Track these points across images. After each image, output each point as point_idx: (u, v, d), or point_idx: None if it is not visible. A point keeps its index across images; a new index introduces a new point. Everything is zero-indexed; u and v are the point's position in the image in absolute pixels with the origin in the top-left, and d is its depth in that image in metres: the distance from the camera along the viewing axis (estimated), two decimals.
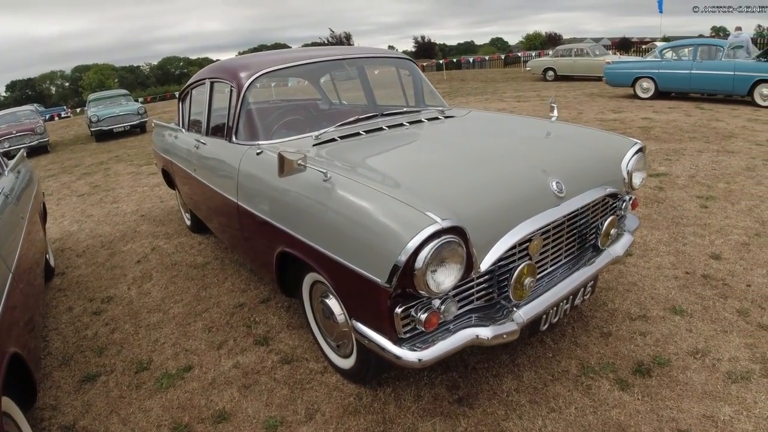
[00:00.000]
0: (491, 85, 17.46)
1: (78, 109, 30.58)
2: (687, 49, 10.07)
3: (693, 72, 9.54)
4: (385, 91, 3.68)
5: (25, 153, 4.68)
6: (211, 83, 3.22)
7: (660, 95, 10.39)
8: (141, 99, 23.17)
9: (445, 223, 1.50)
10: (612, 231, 2.22)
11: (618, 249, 2.30)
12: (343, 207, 1.75)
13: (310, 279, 2.22)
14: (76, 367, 2.62)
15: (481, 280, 1.79)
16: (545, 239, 1.95)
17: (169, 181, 4.56)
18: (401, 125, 2.67)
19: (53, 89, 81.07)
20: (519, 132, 2.67)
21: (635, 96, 10.76)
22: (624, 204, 2.38)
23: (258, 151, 2.42)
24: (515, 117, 3.38)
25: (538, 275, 1.91)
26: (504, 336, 1.70)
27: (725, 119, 7.79)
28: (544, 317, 1.94)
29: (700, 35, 31.10)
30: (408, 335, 1.65)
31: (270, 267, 2.34)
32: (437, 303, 1.61)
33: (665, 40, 24.49)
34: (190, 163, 3.45)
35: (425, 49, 37.03)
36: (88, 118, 13.34)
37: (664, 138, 6.68)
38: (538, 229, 1.81)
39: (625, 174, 2.34)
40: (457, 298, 1.72)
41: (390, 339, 1.62)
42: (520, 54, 28.83)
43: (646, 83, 10.50)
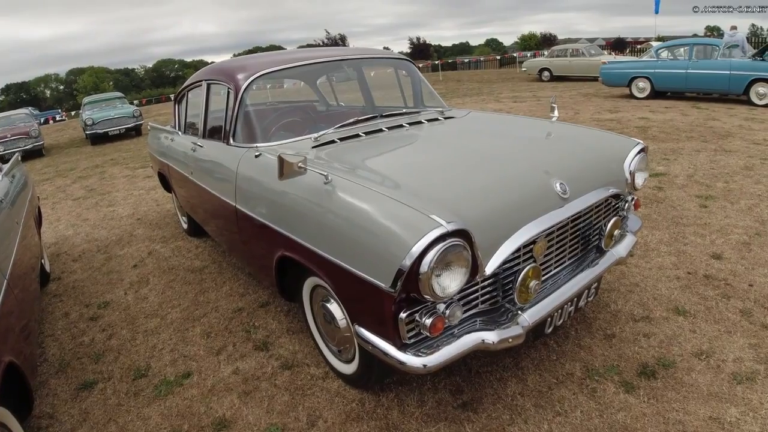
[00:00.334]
0: (487, 86, 17.48)
1: (73, 112, 30.42)
2: (683, 49, 10.11)
3: (689, 72, 9.57)
4: (383, 92, 3.66)
5: (20, 157, 4.62)
6: (208, 85, 3.19)
7: (656, 95, 10.42)
8: (136, 102, 23.02)
9: (451, 226, 1.47)
10: (616, 232, 2.20)
11: (621, 250, 2.28)
12: (345, 210, 1.72)
13: (310, 283, 2.19)
14: (72, 375, 2.58)
15: (486, 283, 1.76)
16: (549, 241, 1.93)
17: (166, 185, 4.52)
18: (401, 126, 2.64)
19: (48, 92, 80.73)
20: (520, 132, 2.65)
21: (631, 96, 10.79)
22: (627, 204, 2.36)
23: (256, 154, 2.39)
24: (516, 117, 3.36)
25: (542, 278, 1.89)
26: (510, 340, 1.67)
27: (722, 118, 7.82)
28: (548, 320, 1.91)
29: (694, 35, 31.27)
30: (412, 340, 1.62)
31: (269, 271, 2.30)
32: (442, 307, 1.59)
33: (660, 39, 24.62)
34: (186, 166, 3.41)
35: (420, 50, 37.03)
36: (83, 121, 13.26)
37: (661, 138, 6.69)
38: (542, 231, 1.79)
39: (628, 174, 2.32)
40: (462, 302, 1.69)
41: (394, 344, 1.59)
42: (515, 54, 28.90)
43: (642, 83, 10.53)
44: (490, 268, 1.63)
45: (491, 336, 1.65)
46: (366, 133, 2.50)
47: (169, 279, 3.63)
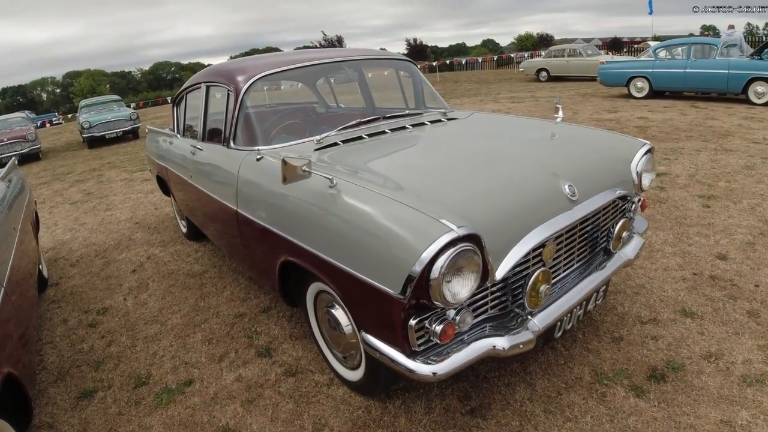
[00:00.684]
0: (485, 87, 17.47)
1: (70, 116, 30.34)
2: (680, 48, 10.11)
3: (687, 71, 9.57)
4: (382, 93, 3.62)
5: (17, 161, 4.57)
6: (207, 87, 3.15)
7: (654, 94, 10.42)
8: (133, 105, 22.93)
9: (461, 231, 1.43)
10: (624, 234, 2.17)
11: (629, 252, 2.26)
12: (352, 214, 1.68)
13: (314, 288, 2.15)
14: (72, 383, 2.53)
15: (495, 288, 1.73)
16: (558, 244, 1.90)
17: (164, 188, 4.47)
18: (404, 128, 2.61)
19: (44, 96, 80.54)
20: (525, 134, 2.62)
21: (629, 96, 10.79)
22: (633, 206, 2.33)
23: (258, 157, 2.35)
24: (519, 118, 3.33)
25: (551, 281, 1.86)
26: (521, 346, 1.64)
27: (721, 117, 7.81)
28: (558, 324, 1.88)
29: (690, 34, 31.36)
30: (422, 348, 1.58)
31: (272, 276, 2.26)
32: (452, 313, 1.55)
33: (656, 39, 24.68)
34: (185, 170, 3.37)
35: (417, 52, 37.00)
36: (80, 124, 13.18)
37: (661, 137, 6.67)
38: (552, 235, 1.76)
39: (635, 175, 2.29)
40: (471, 307, 1.65)
41: (403, 352, 1.55)
42: (512, 55, 28.92)
43: (640, 83, 10.53)
44: (500, 272, 1.60)
45: (502, 342, 1.62)
46: (369, 135, 2.47)
47: (169, 284, 3.58)
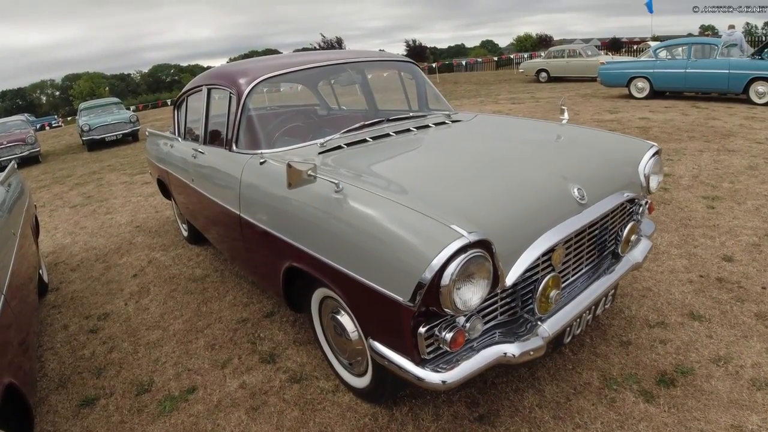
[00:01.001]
0: (484, 88, 17.45)
1: (69, 118, 30.32)
2: (681, 49, 10.10)
3: (688, 71, 9.56)
4: (384, 95, 3.59)
5: (16, 164, 4.54)
6: (209, 90, 3.12)
7: (655, 95, 10.41)
8: (133, 107, 22.92)
9: (472, 237, 1.40)
10: (632, 237, 2.15)
11: (637, 255, 2.23)
12: (359, 220, 1.65)
13: (319, 294, 2.12)
14: (73, 390, 2.50)
15: (504, 294, 1.70)
16: (567, 248, 1.87)
17: (165, 191, 4.44)
18: (408, 131, 2.58)
19: (44, 98, 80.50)
20: (530, 136, 2.59)
21: (630, 96, 10.77)
22: (641, 208, 2.31)
23: (261, 161, 2.32)
24: (524, 120, 3.30)
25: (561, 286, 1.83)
26: (531, 353, 1.61)
27: (722, 117, 7.79)
28: (567, 330, 1.85)
29: (689, 34, 31.37)
30: (431, 356, 1.55)
31: (276, 282, 2.23)
32: (462, 320, 1.52)
33: (655, 39, 24.67)
34: (187, 173, 3.34)
35: (416, 53, 36.97)
36: (79, 127, 13.16)
37: (663, 138, 6.65)
38: (563, 239, 1.73)
39: (643, 177, 2.27)
40: (481, 314, 1.62)
41: (412, 360, 1.52)
42: (512, 56, 28.92)
43: (641, 83, 10.51)
44: (510, 278, 1.57)
45: (512, 349, 1.58)
46: (373, 138, 2.44)
47: (170, 289, 3.55)
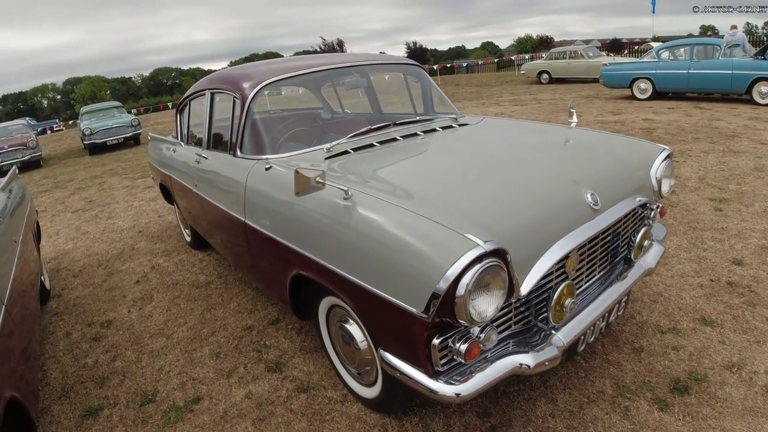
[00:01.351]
0: (486, 90, 17.42)
1: (71, 122, 30.35)
2: (683, 49, 10.07)
3: (691, 72, 9.52)
4: (390, 98, 3.56)
5: (17, 169, 4.51)
6: (212, 94, 3.09)
7: (657, 96, 10.37)
8: (134, 111, 22.92)
9: (488, 246, 1.36)
10: (645, 243, 2.10)
11: (650, 260, 2.19)
12: (369, 228, 1.61)
13: (327, 303, 2.08)
14: (76, 400, 2.46)
15: (518, 303, 1.66)
16: (581, 255, 1.83)
17: (168, 196, 4.41)
18: (415, 135, 2.54)
19: (45, 102, 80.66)
20: (540, 139, 2.55)
21: (633, 97, 10.73)
22: (653, 213, 2.26)
23: (266, 166, 2.28)
24: (532, 123, 3.26)
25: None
26: (546, 363, 1.56)
27: (726, 118, 7.75)
28: (581, 338, 1.81)
29: (689, 34, 31.34)
30: (445, 368, 1.51)
31: (282, 289, 2.19)
32: (476, 331, 1.48)
33: (656, 40, 24.64)
34: (190, 178, 3.30)
35: (417, 55, 36.99)
36: (80, 130, 13.14)
37: (667, 139, 6.61)
38: (577, 246, 1.69)
39: (655, 182, 2.22)
40: (495, 324, 1.58)
41: (425, 372, 1.48)
42: (513, 57, 28.90)
43: (643, 84, 10.48)
44: (525, 287, 1.52)
45: (527, 359, 1.54)
46: (380, 143, 2.40)
47: (174, 295, 3.51)
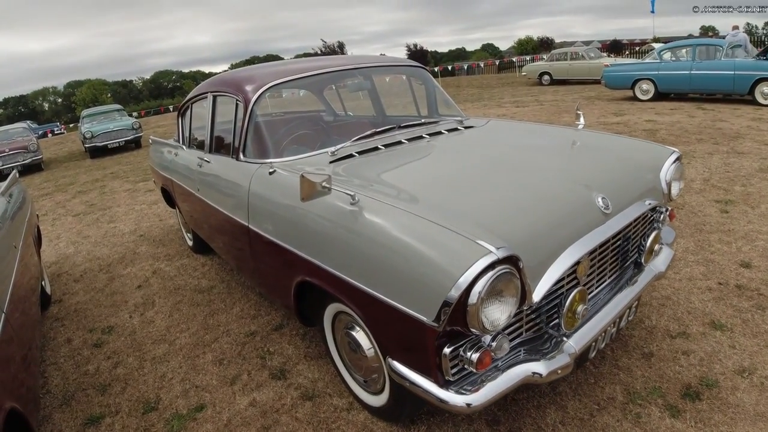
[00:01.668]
0: (487, 91, 17.40)
1: (72, 125, 30.37)
2: (685, 50, 10.05)
3: (693, 72, 9.50)
4: (393, 101, 3.53)
5: (18, 173, 4.48)
6: (214, 97, 3.06)
7: (659, 97, 10.34)
8: (135, 114, 22.93)
9: (500, 253, 1.33)
10: (656, 247, 2.07)
11: (660, 264, 2.16)
12: (377, 234, 1.57)
13: (333, 309, 2.04)
14: (78, 408, 2.42)
15: (530, 310, 1.62)
16: (591, 260, 1.79)
17: (169, 200, 4.38)
18: (421, 138, 2.51)
19: (46, 106, 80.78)
20: (547, 142, 2.51)
21: (635, 98, 10.70)
22: (662, 216, 2.23)
23: (270, 171, 2.25)
24: (538, 125, 3.23)
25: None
26: (558, 371, 1.53)
27: (729, 119, 7.72)
28: (592, 344, 1.77)
29: (689, 35, 31.29)
30: (456, 377, 1.47)
31: (286, 295, 2.16)
32: (488, 340, 1.44)
33: (656, 41, 24.62)
34: (192, 182, 3.27)
35: (418, 57, 37.11)
36: (81, 134, 13.14)
37: (671, 140, 6.57)
38: (589, 251, 1.65)
39: (665, 184, 2.19)
40: (506, 331, 1.55)
41: (435, 381, 1.44)
42: (514, 59, 28.89)
43: (645, 85, 10.45)
44: (538, 294, 1.49)
45: (539, 367, 1.51)
46: (385, 146, 2.37)
47: (176, 300, 3.48)
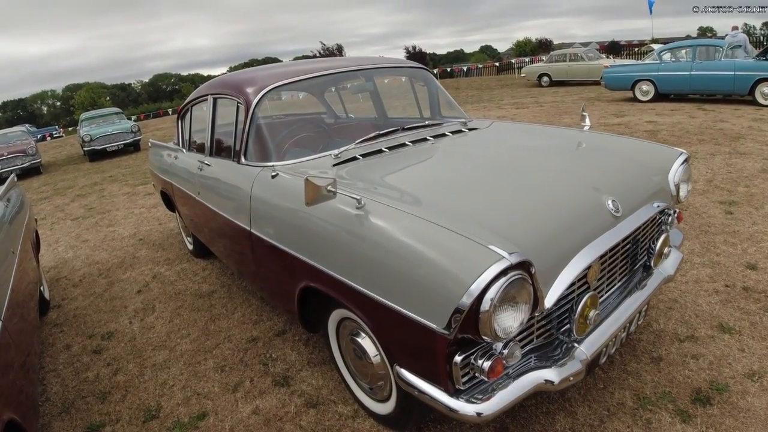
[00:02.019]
0: (486, 93, 17.38)
1: (70, 129, 30.32)
2: (685, 51, 10.04)
3: (693, 73, 9.48)
4: (395, 102, 3.50)
5: (16, 177, 4.44)
6: (215, 100, 3.02)
7: (659, 97, 10.33)
8: (134, 117, 22.88)
9: (513, 258, 1.29)
10: (666, 249, 2.04)
11: (668, 268, 2.13)
12: (384, 239, 1.54)
13: (337, 315, 2.00)
14: (77, 416, 2.38)
15: (541, 316, 1.58)
16: (602, 264, 1.76)
17: (169, 204, 4.34)
18: (425, 140, 2.48)
19: (45, 109, 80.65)
20: (553, 144, 2.48)
21: (635, 99, 10.69)
22: (670, 219, 2.20)
23: (273, 174, 2.21)
24: (543, 127, 3.20)
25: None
26: (571, 378, 1.49)
27: (730, 120, 7.71)
28: (603, 350, 1.73)
29: (687, 36, 31.34)
30: (466, 386, 1.43)
31: (289, 301, 2.12)
32: (499, 347, 1.40)
33: (654, 41, 24.64)
34: (192, 186, 3.23)
35: (416, 59, 37.15)
36: (80, 137, 13.10)
37: (672, 141, 6.55)
38: (601, 255, 1.62)
39: (673, 186, 2.16)
40: (518, 338, 1.51)
41: (445, 390, 1.40)
42: (513, 61, 28.92)
43: (645, 86, 10.44)
44: (550, 300, 1.45)
45: (551, 375, 1.47)
46: (389, 149, 2.33)
47: (176, 305, 3.43)
